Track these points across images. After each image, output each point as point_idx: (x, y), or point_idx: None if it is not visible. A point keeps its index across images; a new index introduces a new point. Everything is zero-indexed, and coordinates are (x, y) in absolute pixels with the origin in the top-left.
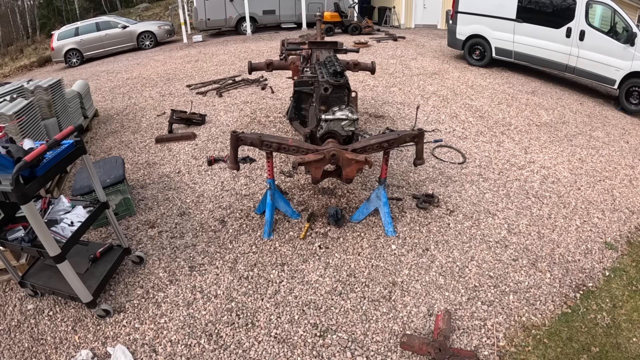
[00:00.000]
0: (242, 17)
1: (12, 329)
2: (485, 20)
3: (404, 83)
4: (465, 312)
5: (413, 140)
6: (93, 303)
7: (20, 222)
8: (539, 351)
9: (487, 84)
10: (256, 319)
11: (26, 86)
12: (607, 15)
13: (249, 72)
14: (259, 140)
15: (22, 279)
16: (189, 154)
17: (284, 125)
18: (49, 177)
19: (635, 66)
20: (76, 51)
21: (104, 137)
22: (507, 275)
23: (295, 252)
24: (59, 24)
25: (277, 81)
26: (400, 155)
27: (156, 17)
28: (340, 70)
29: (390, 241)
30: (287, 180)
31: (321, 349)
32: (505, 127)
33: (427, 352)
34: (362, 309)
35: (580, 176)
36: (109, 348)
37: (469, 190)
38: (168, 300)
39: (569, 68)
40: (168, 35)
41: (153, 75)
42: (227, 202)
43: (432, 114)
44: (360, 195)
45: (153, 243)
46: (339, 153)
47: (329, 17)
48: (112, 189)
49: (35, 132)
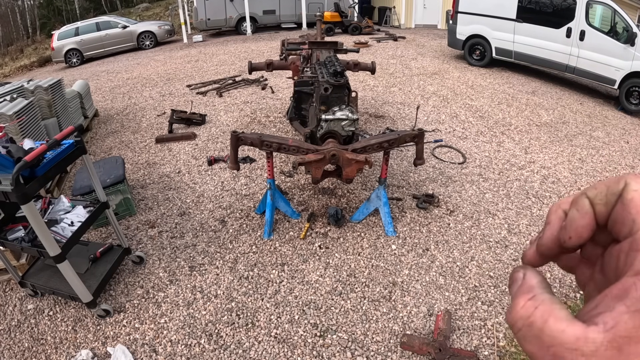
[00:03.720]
0: (242, 17)
1: (12, 329)
2: (485, 20)
3: (404, 83)
4: (465, 312)
5: (413, 140)
6: (93, 303)
7: (20, 222)
8: None
9: (487, 84)
10: (256, 319)
11: (26, 86)
12: (607, 15)
13: (249, 72)
14: (259, 140)
15: (22, 279)
16: (189, 154)
17: (284, 125)
18: (49, 177)
19: (635, 66)
20: (76, 51)
21: (104, 137)
22: (508, 275)
23: (296, 252)
24: (59, 24)
25: (277, 81)
26: (401, 155)
27: (156, 17)
28: (340, 70)
29: (390, 241)
30: (287, 180)
31: (321, 349)
32: (505, 127)
33: (427, 352)
34: (362, 309)
35: (581, 176)
36: (109, 348)
37: (469, 190)
38: (168, 300)
39: (569, 68)
40: (168, 35)
41: (153, 75)
42: (227, 202)
43: (432, 114)
44: (360, 195)
45: (153, 243)
46: (339, 153)
47: (329, 17)
48: (112, 189)
49: (36, 132)
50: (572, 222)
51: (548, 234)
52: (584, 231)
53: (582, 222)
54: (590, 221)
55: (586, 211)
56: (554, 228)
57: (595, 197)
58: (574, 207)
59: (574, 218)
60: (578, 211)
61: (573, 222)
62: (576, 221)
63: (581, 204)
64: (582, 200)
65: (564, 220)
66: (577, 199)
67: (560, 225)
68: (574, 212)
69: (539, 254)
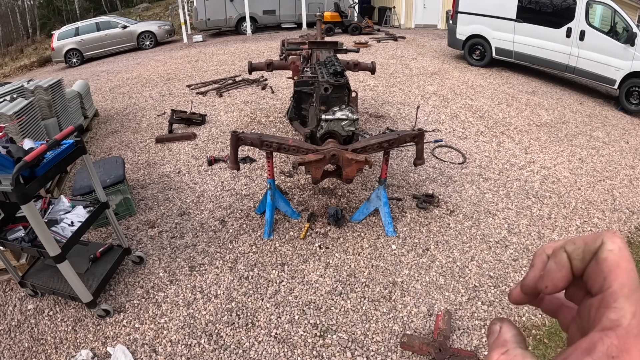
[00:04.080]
0: (242, 17)
1: (12, 329)
2: (485, 20)
3: (404, 83)
4: (465, 312)
5: (413, 140)
6: (93, 303)
7: (20, 222)
8: (539, 351)
9: (487, 84)
10: (256, 319)
11: (26, 86)
12: (607, 15)
13: (249, 72)
14: (259, 140)
15: (22, 279)
16: (189, 154)
17: (284, 125)
18: (49, 177)
19: (635, 66)
20: (76, 51)
21: (104, 137)
22: (508, 276)
23: (296, 252)
24: (59, 24)
25: (277, 81)
26: (401, 155)
27: (156, 17)
28: (340, 70)
29: (390, 241)
30: (287, 180)
31: (321, 349)
32: (505, 127)
33: (427, 352)
34: (362, 309)
35: (581, 176)
36: (109, 348)
37: (469, 190)
38: (168, 300)
39: (569, 68)
40: (168, 35)
41: (153, 75)
42: (227, 202)
43: (432, 114)
44: (360, 195)
45: (153, 243)
46: (339, 153)
47: (329, 17)
48: (112, 189)
49: (36, 132)
50: (549, 274)
51: (531, 276)
52: (559, 283)
53: (558, 275)
54: (566, 274)
55: (562, 265)
56: (537, 271)
57: (572, 252)
58: (553, 259)
59: (551, 270)
60: (555, 264)
61: (550, 274)
62: (552, 273)
63: (559, 257)
64: (560, 254)
65: (547, 264)
66: (557, 252)
67: (543, 268)
68: (551, 264)
69: (524, 293)
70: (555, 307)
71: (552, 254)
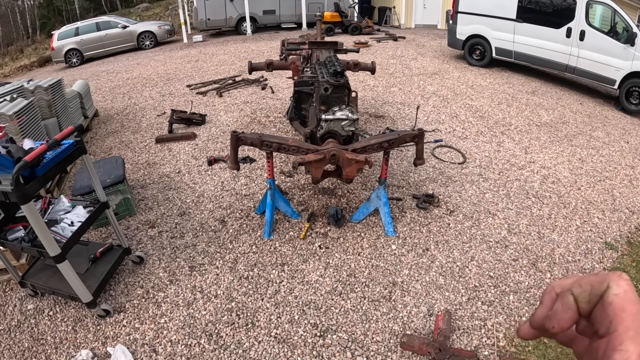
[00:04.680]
0: (242, 17)
1: (12, 329)
2: (485, 20)
3: (404, 83)
4: (465, 312)
5: (413, 140)
6: (93, 303)
7: (20, 222)
8: (539, 351)
9: (487, 84)
10: (256, 319)
11: (26, 86)
12: (607, 15)
13: (249, 72)
14: (259, 140)
15: (22, 279)
16: (189, 154)
17: (284, 125)
18: (49, 177)
19: (635, 66)
20: (76, 51)
21: (104, 137)
22: (508, 275)
23: (296, 252)
24: (59, 24)
25: (277, 81)
26: (401, 155)
27: (156, 17)
28: (340, 70)
29: (390, 241)
30: (287, 180)
31: (321, 349)
32: (505, 127)
33: (427, 352)
34: (362, 309)
35: (581, 176)
36: (109, 348)
37: (469, 190)
38: (168, 300)
39: (569, 68)
40: (168, 35)
41: (153, 75)
42: (227, 202)
43: (432, 114)
44: (360, 195)
45: (153, 243)
46: (339, 153)
47: (329, 17)
48: (112, 189)
49: (36, 132)
50: (556, 315)
51: (539, 314)
52: (565, 324)
53: (565, 317)
54: (572, 315)
55: (569, 307)
56: (545, 309)
57: (579, 296)
58: (560, 301)
59: (558, 312)
60: (562, 306)
61: (557, 315)
62: (559, 314)
63: (566, 300)
64: (567, 297)
65: (555, 302)
66: (564, 294)
67: (551, 305)
68: (558, 306)
69: (532, 329)
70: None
71: (560, 294)
